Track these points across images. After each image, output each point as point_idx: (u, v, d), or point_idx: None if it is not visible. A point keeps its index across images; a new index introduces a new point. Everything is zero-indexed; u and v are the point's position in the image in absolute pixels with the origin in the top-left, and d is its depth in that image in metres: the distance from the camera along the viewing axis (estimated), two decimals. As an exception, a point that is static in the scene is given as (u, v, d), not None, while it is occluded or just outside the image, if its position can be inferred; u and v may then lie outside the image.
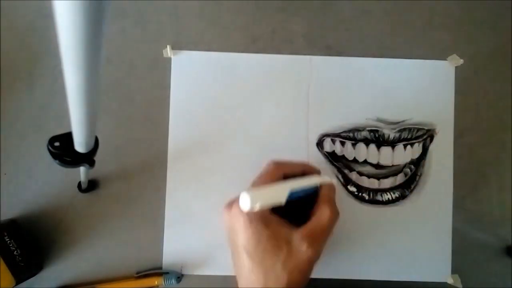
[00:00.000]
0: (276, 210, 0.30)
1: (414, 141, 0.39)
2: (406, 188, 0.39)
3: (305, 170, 0.34)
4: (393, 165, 0.39)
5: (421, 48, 0.40)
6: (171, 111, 0.39)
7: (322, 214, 0.30)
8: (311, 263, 0.29)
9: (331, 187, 0.33)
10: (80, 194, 0.38)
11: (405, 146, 0.39)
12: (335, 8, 0.40)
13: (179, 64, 0.39)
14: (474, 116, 0.39)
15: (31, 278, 0.36)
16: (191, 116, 0.39)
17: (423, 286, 0.38)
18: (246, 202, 0.27)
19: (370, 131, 0.39)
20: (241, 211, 0.29)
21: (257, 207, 0.27)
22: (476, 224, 0.39)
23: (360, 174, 0.39)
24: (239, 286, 0.31)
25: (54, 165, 0.26)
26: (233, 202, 0.31)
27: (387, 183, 0.39)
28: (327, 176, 0.35)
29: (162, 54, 0.39)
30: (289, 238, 0.29)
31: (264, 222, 0.29)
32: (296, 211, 0.31)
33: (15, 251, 0.34)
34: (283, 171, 0.32)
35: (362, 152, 0.39)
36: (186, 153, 0.38)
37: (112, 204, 0.38)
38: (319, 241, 0.30)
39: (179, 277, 0.37)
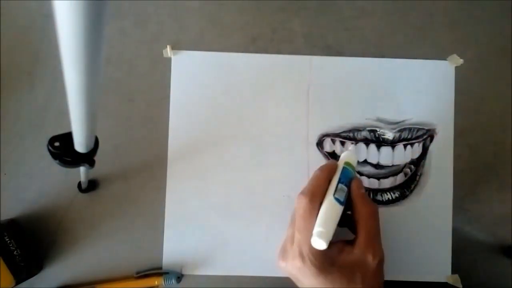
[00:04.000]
0: None
1: (414, 141, 0.39)
2: (406, 188, 0.39)
3: (329, 176, 0.32)
4: (393, 165, 0.39)
5: (421, 48, 0.40)
6: (171, 111, 0.39)
7: (363, 216, 0.31)
8: (382, 266, 0.31)
9: (357, 183, 0.32)
10: (80, 194, 0.38)
11: (405, 146, 0.39)
12: (335, 8, 0.40)
13: (179, 64, 0.39)
14: (474, 116, 0.39)
15: (31, 278, 0.36)
16: (191, 116, 0.39)
17: (423, 286, 0.38)
18: (321, 244, 0.28)
19: (370, 131, 0.39)
20: (304, 264, 0.29)
21: (330, 239, 0.28)
22: (476, 224, 0.39)
23: (360, 174, 0.39)
24: None
25: (54, 165, 0.26)
26: (289, 255, 0.31)
27: (387, 183, 0.39)
28: (344, 154, 0.34)
29: (162, 54, 0.39)
30: (354, 259, 0.30)
31: (329, 262, 0.29)
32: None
33: (15, 251, 0.34)
34: (319, 202, 0.31)
35: (362, 152, 0.39)
36: (186, 153, 0.38)
37: (112, 204, 0.38)
38: (377, 242, 0.31)
39: (179, 277, 0.37)
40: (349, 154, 0.34)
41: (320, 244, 0.28)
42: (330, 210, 0.30)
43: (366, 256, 0.30)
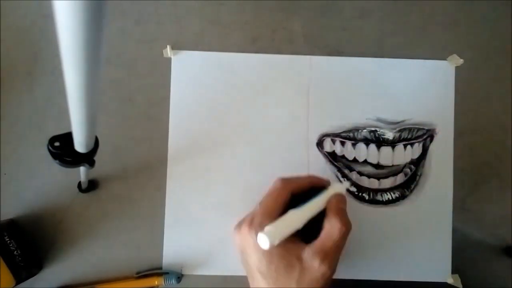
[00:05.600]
0: None
1: (414, 141, 0.39)
2: (406, 188, 0.39)
3: (312, 183, 0.33)
4: (393, 165, 0.39)
5: (421, 48, 0.40)
6: (171, 111, 0.39)
7: (332, 227, 0.29)
8: (325, 279, 0.29)
9: (340, 197, 0.32)
10: (80, 194, 0.38)
11: (405, 146, 0.39)
12: (335, 8, 0.40)
13: (179, 64, 0.39)
14: (474, 116, 0.39)
15: (31, 278, 0.36)
16: (191, 116, 0.39)
17: (423, 286, 0.38)
18: (265, 242, 0.27)
19: (370, 131, 0.39)
20: (250, 232, 0.29)
21: (276, 242, 0.27)
22: (476, 224, 0.39)
23: (360, 174, 0.39)
24: None
25: (54, 165, 0.26)
26: (242, 223, 0.31)
27: (387, 183, 0.39)
28: (338, 184, 0.33)
29: (162, 54, 0.39)
30: (300, 255, 0.29)
31: None
32: (307, 224, 0.30)
33: (15, 251, 0.34)
34: (291, 189, 0.31)
35: (362, 152, 0.39)
36: (186, 153, 0.38)
37: (112, 204, 0.38)
38: (331, 255, 0.29)
39: (179, 277, 0.37)
40: (339, 189, 0.33)
41: (264, 242, 0.27)
42: (293, 217, 0.29)
43: (313, 259, 0.28)
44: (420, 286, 0.38)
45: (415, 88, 0.39)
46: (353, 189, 0.39)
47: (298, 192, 0.32)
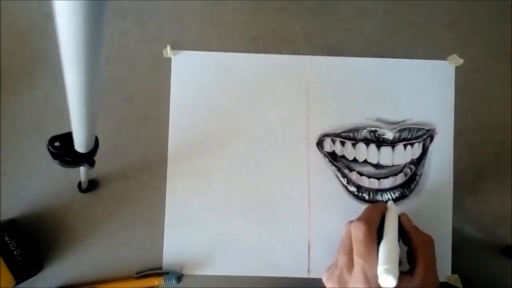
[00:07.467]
0: None
1: (414, 141, 0.39)
2: (406, 188, 0.39)
3: (382, 212, 0.34)
4: (393, 165, 0.39)
5: (421, 48, 0.40)
6: (171, 111, 0.39)
7: (420, 245, 0.32)
8: None
9: (407, 216, 0.34)
10: (80, 194, 0.38)
11: (405, 146, 0.39)
12: (335, 8, 0.40)
13: (179, 64, 0.39)
14: (474, 116, 0.39)
15: (31, 278, 0.36)
16: (191, 116, 0.39)
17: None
18: (391, 281, 0.28)
19: (370, 131, 0.39)
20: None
21: (397, 276, 0.28)
22: (476, 224, 0.39)
23: (360, 174, 0.39)
24: None
25: (54, 165, 0.26)
26: (342, 282, 0.31)
27: (387, 183, 0.39)
28: (391, 203, 0.35)
29: (162, 54, 0.39)
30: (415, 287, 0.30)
31: None
32: None
33: (15, 251, 0.34)
34: (376, 228, 0.32)
35: (362, 152, 0.39)
36: (186, 153, 0.38)
37: (112, 204, 0.38)
38: (435, 270, 0.31)
39: (179, 277, 0.37)
40: (395, 208, 0.35)
41: (389, 280, 0.28)
42: (393, 248, 0.30)
43: (425, 284, 0.30)
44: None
45: (415, 88, 0.39)
46: (353, 189, 0.39)
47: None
